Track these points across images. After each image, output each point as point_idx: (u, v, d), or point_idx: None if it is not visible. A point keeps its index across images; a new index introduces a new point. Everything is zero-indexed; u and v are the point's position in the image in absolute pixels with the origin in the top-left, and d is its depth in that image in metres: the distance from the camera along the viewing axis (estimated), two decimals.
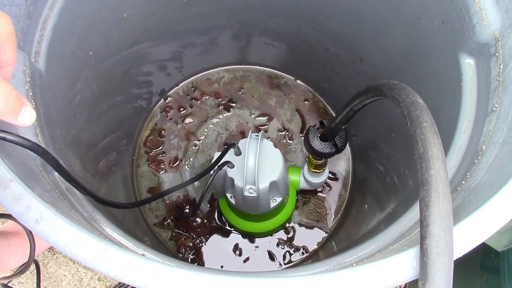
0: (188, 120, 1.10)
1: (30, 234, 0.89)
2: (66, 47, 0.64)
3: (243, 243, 1.01)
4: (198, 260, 0.99)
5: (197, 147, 1.08)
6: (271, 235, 1.01)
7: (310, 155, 0.81)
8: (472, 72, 0.55)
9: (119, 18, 0.76)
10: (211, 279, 0.32)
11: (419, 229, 0.32)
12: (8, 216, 0.91)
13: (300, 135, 1.09)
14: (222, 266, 0.99)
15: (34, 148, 0.38)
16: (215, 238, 1.01)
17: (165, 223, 1.02)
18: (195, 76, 1.13)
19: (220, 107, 1.11)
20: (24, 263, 0.96)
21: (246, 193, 0.74)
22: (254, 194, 0.74)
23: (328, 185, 1.05)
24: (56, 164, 0.42)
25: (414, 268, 0.32)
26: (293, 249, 1.00)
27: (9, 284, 1.04)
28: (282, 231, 1.01)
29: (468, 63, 0.55)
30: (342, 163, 1.07)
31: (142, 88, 1.01)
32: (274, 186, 0.77)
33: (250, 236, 1.00)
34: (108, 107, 0.84)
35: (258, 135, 0.75)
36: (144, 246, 0.49)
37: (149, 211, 1.03)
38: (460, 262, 0.34)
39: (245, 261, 0.99)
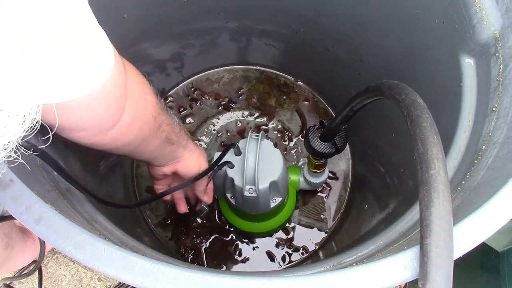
0: (188, 120, 1.10)
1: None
2: None
3: (243, 243, 1.01)
4: (198, 260, 0.99)
5: None
6: (271, 235, 1.01)
7: (310, 155, 0.81)
8: (472, 72, 0.55)
9: (119, 18, 0.76)
10: (211, 279, 0.32)
11: (419, 229, 0.32)
12: (9, 218, 0.91)
13: (300, 135, 1.09)
14: (222, 266, 0.99)
15: (34, 148, 0.38)
16: (215, 238, 1.01)
17: (165, 223, 1.02)
18: (195, 77, 1.13)
19: (220, 107, 1.11)
20: (31, 263, 0.97)
21: (246, 193, 0.74)
22: (254, 194, 0.74)
23: (328, 185, 1.05)
24: (55, 164, 0.42)
25: (414, 268, 0.32)
26: (292, 249, 1.00)
27: (10, 285, 1.04)
28: (281, 231, 1.01)
29: (468, 63, 0.55)
30: (342, 163, 1.07)
31: None
32: (274, 186, 0.77)
33: (250, 236, 1.00)
34: None
35: (258, 135, 0.75)
36: (144, 246, 0.49)
37: (149, 211, 1.03)
38: (460, 262, 0.34)
39: (244, 261, 0.99)
